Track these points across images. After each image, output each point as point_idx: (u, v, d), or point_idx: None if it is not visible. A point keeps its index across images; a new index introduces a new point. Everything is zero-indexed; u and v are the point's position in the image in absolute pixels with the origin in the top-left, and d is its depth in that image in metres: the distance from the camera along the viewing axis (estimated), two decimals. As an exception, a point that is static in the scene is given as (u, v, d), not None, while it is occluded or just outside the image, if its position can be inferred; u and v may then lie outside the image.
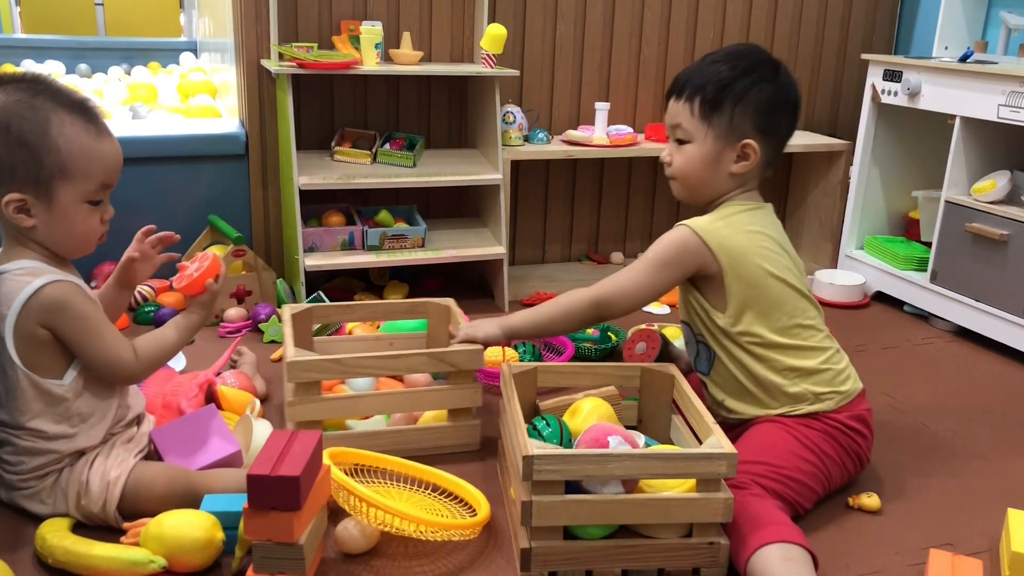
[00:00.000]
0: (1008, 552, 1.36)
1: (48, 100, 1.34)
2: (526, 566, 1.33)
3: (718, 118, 1.56)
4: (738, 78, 1.56)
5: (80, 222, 1.39)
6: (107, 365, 1.39)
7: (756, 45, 1.74)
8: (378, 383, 1.82)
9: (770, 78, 1.58)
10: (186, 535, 1.29)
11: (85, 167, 1.36)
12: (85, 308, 1.37)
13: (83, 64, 4.05)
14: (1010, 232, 2.24)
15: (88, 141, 1.36)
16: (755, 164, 1.59)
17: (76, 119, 1.35)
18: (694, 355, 1.68)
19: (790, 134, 1.65)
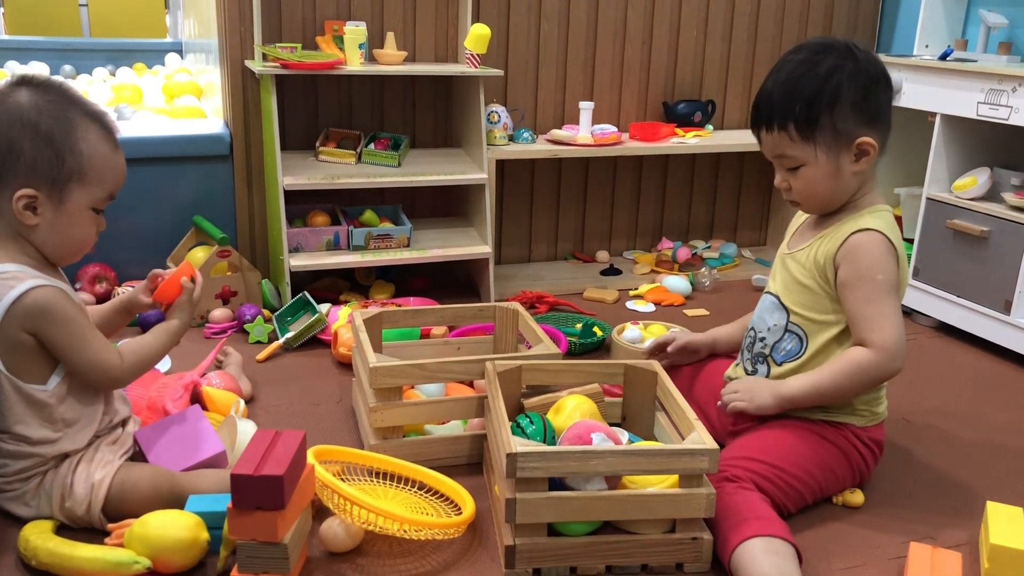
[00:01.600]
0: (987, 544, 1.37)
1: (75, 106, 1.39)
2: (510, 563, 1.34)
3: (821, 133, 1.47)
4: (822, 84, 1.46)
5: (80, 228, 1.41)
6: (92, 370, 1.39)
7: (811, 39, 1.65)
8: (447, 388, 1.82)
9: (849, 66, 1.47)
10: (170, 535, 1.29)
11: (101, 174, 1.40)
12: (70, 313, 1.37)
13: (67, 65, 4.03)
14: (990, 228, 2.26)
15: (107, 150, 1.41)
16: (875, 155, 1.51)
17: (99, 129, 1.40)
18: (773, 341, 1.59)
19: (892, 105, 1.55)
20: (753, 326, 1.66)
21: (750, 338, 1.66)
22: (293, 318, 2.28)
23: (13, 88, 1.37)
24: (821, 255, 1.53)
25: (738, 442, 1.56)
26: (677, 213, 3.08)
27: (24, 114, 1.34)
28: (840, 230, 1.53)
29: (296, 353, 2.18)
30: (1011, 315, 2.21)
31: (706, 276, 2.76)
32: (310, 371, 2.08)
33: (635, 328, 2.22)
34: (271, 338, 2.23)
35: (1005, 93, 2.21)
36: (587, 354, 2.23)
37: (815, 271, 1.54)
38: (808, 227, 1.64)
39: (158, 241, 2.46)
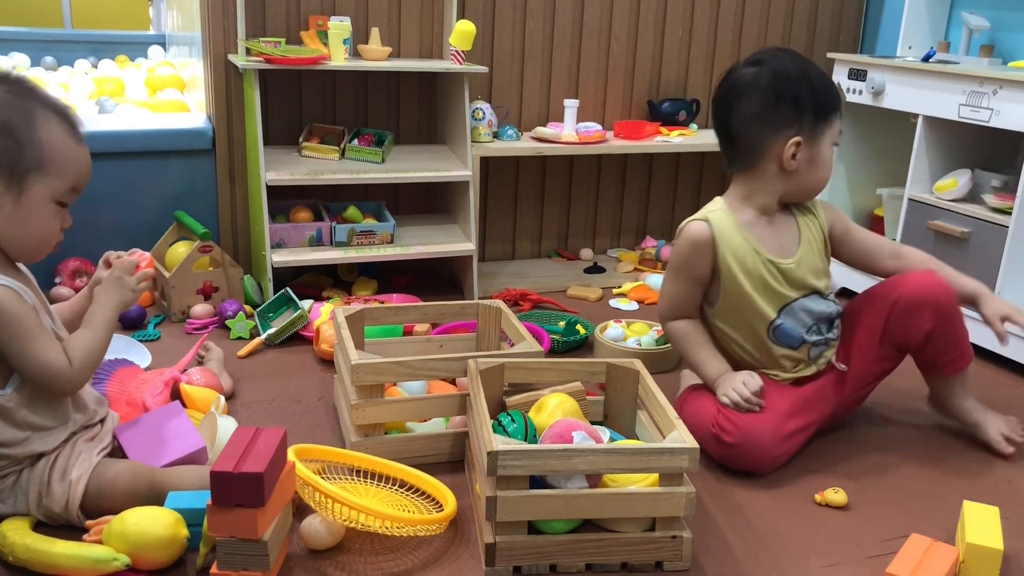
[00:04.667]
0: (963, 543, 1.38)
1: (35, 98, 1.37)
2: (491, 561, 1.34)
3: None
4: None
5: (42, 222, 1.37)
6: (38, 372, 1.34)
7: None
8: (430, 386, 1.81)
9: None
10: (150, 532, 1.29)
11: (62, 166, 1.36)
12: (15, 312, 1.32)
13: (49, 57, 4.00)
14: (971, 229, 2.28)
15: (68, 142, 1.38)
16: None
17: (60, 121, 1.38)
18: (834, 316, 1.78)
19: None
20: (795, 330, 1.73)
21: (807, 338, 1.74)
22: (275, 314, 2.27)
23: None
24: (816, 231, 1.78)
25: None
26: (661, 211, 3.09)
27: None
28: (806, 208, 1.79)
29: (278, 349, 2.17)
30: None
31: (689, 275, 2.77)
32: (292, 368, 2.07)
33: (618, 326, 2.22)
34: (253, 334, 2.22)
35: (986, 95, 2.22)
36: (570, 352, 2.23)
37: (822, 245, 1.78)
38: (771, 233, 1.74)
39: (140, 236, 2.44)
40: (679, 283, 1.74)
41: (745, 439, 1.63)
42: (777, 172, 1.69)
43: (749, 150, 1.69)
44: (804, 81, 1.66)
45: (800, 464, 1.73)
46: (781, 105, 1.65)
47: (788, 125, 1.66)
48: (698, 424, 1.65)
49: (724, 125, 1.72)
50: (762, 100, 1.66)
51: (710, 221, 1.69)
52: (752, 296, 1.70)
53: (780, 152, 1.67)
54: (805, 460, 1.74)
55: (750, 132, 1.68)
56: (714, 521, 1.53)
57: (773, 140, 1.67)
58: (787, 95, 1.65)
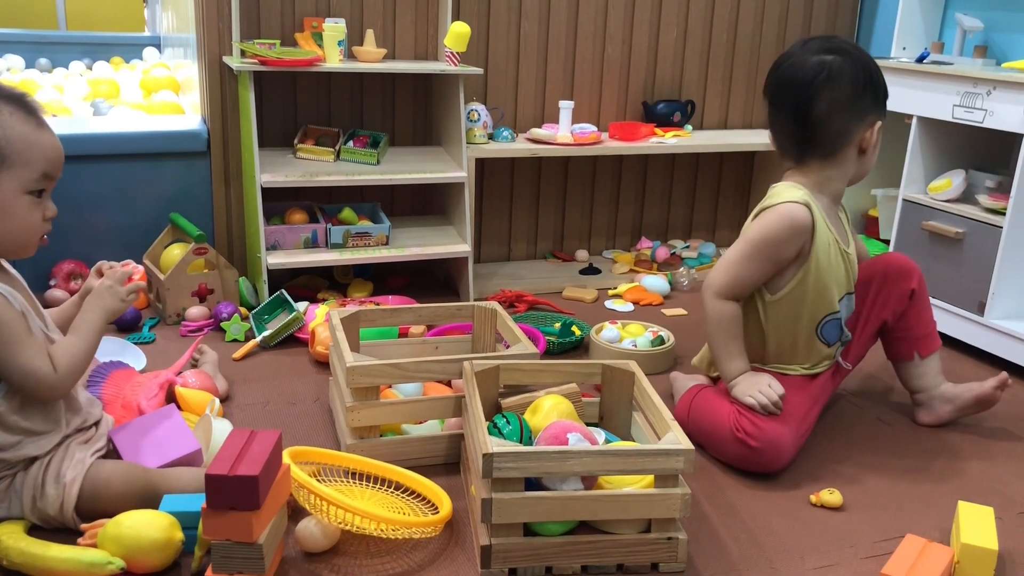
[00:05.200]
0: (959, 543, 1.39)
1: None
2: (486, 563, 1.34)
3: None
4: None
5: (20, 215, 1.35)
6: (22, 378, 1.33)
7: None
8: (425, 388, 1.81)
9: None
10: (145, 535, 1.28)
11: (26, 155, 1.33)
12: (3, 317, 1.31)
13: (43, 59, 4.00)
14: (965, 230, 2.29)
15: (28, 130, 1.34)
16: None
17: (15, 110, 1.34)
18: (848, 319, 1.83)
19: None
20: (837, 326, 1.79)
21: (842, 337, 1.81)
22: (270, 316, 2.27)
23: None
24: (848, 224, 1.84)
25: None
26: (656, 213, 3.09)
27: None
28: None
29: (273, 352, 2.17)
30: (985, 316, 2.24)
31: (685, 276, 2.77)
32: (287, 370, 2.07)
33: (613, 328, 2.22)
34: (248, 336, 2.21)
35: (980, 96, 2.23)
36: (566, 353, 2.24)
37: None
38: (836, 223, 1.78)
39: (134, 238, 2.44)
40: (756, 263, 1.68)
41: (769, 444, 1.64)
42: (856, 157, 1.74)
43: (834, 137, 1.70)
44: (876, 67, 1.73)
45: (795, 465, 1.73)
46: (866, 92, 1.70)
47: (871, 111, 1.71)
48: (716, 426, 1.69)
49: (802, 114, 1.69)
50: (852, 88, 1.68)
51: (811, 207, 1.67)
52: (828, 286, 1.72)
53: (863, 137, 1.72)
54: (800, 461, 1.74)
55: (837, 119, 1.69)
56: (710, 522, 1.53)
57: (858, 126, 1.70)
58: (871, 82, 1.70)
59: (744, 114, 3.10)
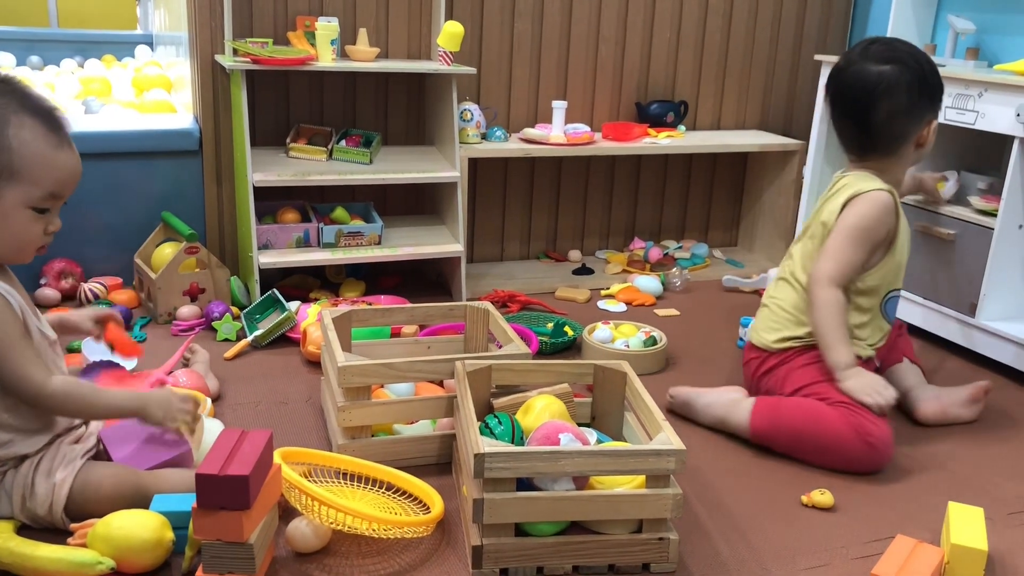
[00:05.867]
0: (948, 544, 1.39)
1: (12, 101, 1.32)
2: (478, 563, 1.34)
3: None
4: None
5: (19, 227, 1.34)
6: (13, 382, 1.32)
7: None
8: (417, 388, 1.81)
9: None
10: (135, 535, 1.28)
11: (36, 173, 1.32)
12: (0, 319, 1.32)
13: (34, 56, 3.98)
14: (957, 231, 2.29)
15: (44, 147, 1.32)
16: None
17: (38, 124, 1.32)
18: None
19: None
20: (894, 306, 1.90)
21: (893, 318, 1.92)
22: (262, 316, 2.26)
23: None
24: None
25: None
26: (649, 213, 3.09)
27: None
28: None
29: (265, 351, 2.16)
30: (976, 318, 2.24)
31: (677, 276, 2.77)
32: (278, 369, 2.07)
33: (606, 328, 2.22)
34: (239, 336, 2.21)
35: (972, 98, 2.23)
36: (558, 354, 2.23)
37: None
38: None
39: (126, 237, 2.43)
40: (862, 249, 1.78)
41: (886, 442, 1.70)
42: (914, 151, 1.85)
43: (893, 140, 1.82)
44: (933, 70, 1.82)
45: (787, 465, 1.74)
46: (922, 97, 1.80)
47: (927, 111, 1.82)
48: (827, 430, 1.70)
49: (863, 121, 1.81)
50: (908, 97, 1.78)
51: (893, 193, 1.79)
52: (903, 264, 1.85)
53: (920, 135, 1.82)
54: (791, 461, 1.75)
55: (896, 126, 1.80)
56: (701, 523, 1.53)
57: (916, 128, 1.82)
58: (926, 87, 1.80)
59: (737, 115, 3.11)
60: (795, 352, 1.84)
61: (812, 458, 1.73)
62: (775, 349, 1.86)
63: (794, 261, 1.90)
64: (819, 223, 1.85)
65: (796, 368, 1.82)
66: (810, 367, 1.81)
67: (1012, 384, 2.17)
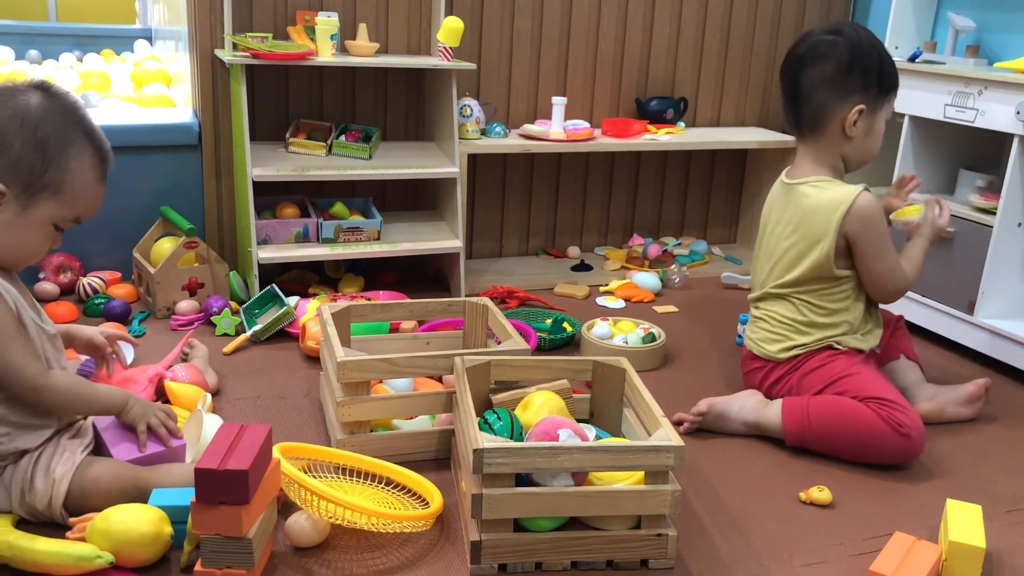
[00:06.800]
0: (946, 541, 1.39)
1: (83, 128, 1.39)
2: (476, 558, 1.34)
3: None
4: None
5: (35, 238, 1.39)
6: (9, 377, 1.33)
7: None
8: (416, 383, 1.81)
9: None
10: (133, 530, 1.28)
11: (75, 196, 1.39)
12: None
13: (33, 50, 3.97)
14: (955, 229, 2.29)
15: (90, 176, 1.40)
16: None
17: (93, 154, 1.40)
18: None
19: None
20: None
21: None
22: (261, 311, 2.26)
23: (29, 89, 1.37)
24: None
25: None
26: (648, 210, 3.09)
27: (28, 114, 1.34)
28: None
29: (263, 346, 2.16)
30: (974, 315, 2.25)
31: (676, 273, 2.77)
32: (277, 365, 2.06)
33: (605, 324, 2.22)
34: (238, 331, 2.20)
35: (971, 96, 2.24)
36: (557, 350, 2.23)
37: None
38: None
39: (124, 231, 2.43)
40: (891, 242, 1.83)
41: (920, 430, 1.70)
42: (839, 136, 1.82)
43: (815, 112, 1.82)
44: (876, 54, 1.80)
45: (785, 462, 1.74)
46: (853, 73, 1.78)
47: (855, 93, 1.79)
48: (862, 426, 1.70)
49: (794, 86, 1.83)
50: (837, 66, 1.78)
51: (867, 188, 1.80)
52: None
53: (845, 117, 1.79)
54: (790, 458, 1.75)
55: (819, 95, 1.80)
56: (699, 519, 1.53)
57: (840, 106, 1.79)
58: (859, 65, 1.78)
59: (737, 112, 3.11)
60: (803, 358, 1.83)
61: (848, 455, 1.73)
62: (781, 359, 1.86)
63: (788, 276, 1.85)
64: (807, 243, 1.82)
65: (809, 372, 1.82)
66: (824, 368, 1.81)
67: (1010, 382, 2.17)
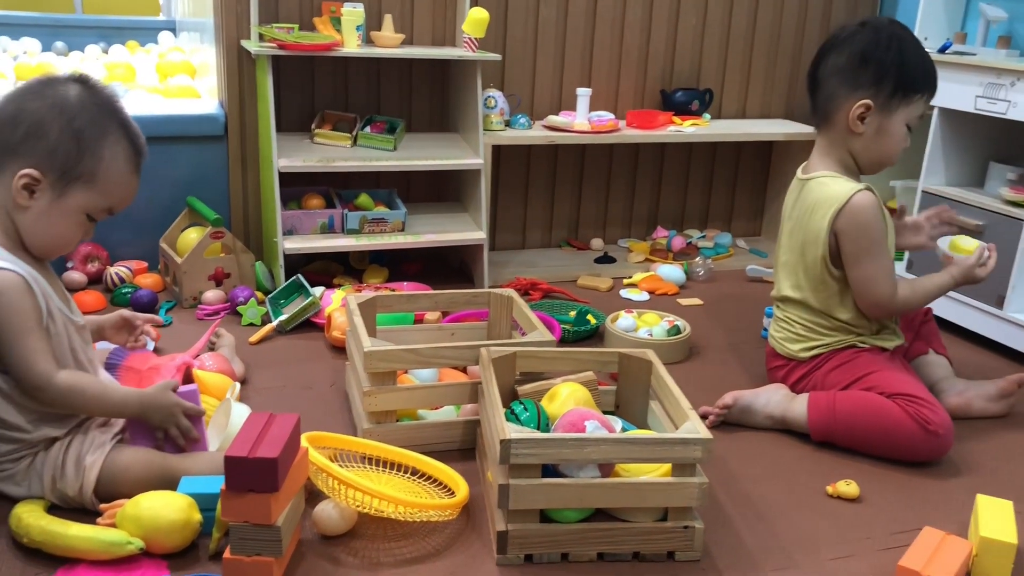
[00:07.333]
0: (977, 536, 1.38)
1: (118, 120, 1.41)
2: (502, 549, 1.34)
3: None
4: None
5: (67, 227, 1.40)
6: (18, 369, 1.33)
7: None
8: (441, 374, 1.81)
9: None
10: (163, 516, 1.29)
11: (109, 187, 1.40)
12: (14, 303, 1.32)
13: (59, 42, 4.00)
14: (985, 223, 2.27)
15: (125, 167, 1.41)
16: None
17: (128, 146, 1.41)
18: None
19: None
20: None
21: None
22: (286, 301, 2.27)
23: (67, 81, 1.39)
24: None
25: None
26: (672, 202, 3.08)
27: (66, 104, 1.36)
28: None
29: (289, 336, 2.17)
30: (1004, 310, 2.22)
31: (701, 265, 2.76)
32: (303, 354, 2.07)
33: (629, 316, 2.22)
34: (264, 320, 2.22)
35: (1003, 87, 2.21)
36: (580, 342, 2.23)
37: None
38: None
39: (151, 221, 2.45)
40: (885, 250, 1.77)
41: (947, 427, 1.67)
42: (846, 130, 1.77)
43: (824, 100, 1.79)
44: (895, 51, 1.73)
45: (811, 455, 1.73)
46: (866, 67, 1.73)
47: (864, 87, 1.74)
48: (889, 423, 1.68)
49: (813, 73, 1.82)
50: (850, 56, 1.74)
51: (869, 188, 1.76)
52: (892, 248, 1.81)
53: (849, 111, 1.75)
54: (816, 451, 1.74)
55: (830, 83, 1.77)
56: (725, 512, 1.53)
57: (846, 97, 1.75)
58: (874, 59, 1.73)
59: (763, 103, 3.08)
60: (826, 356, 1.82)
61: (875, 451, 1.71)
62: (803, 358, 1.85)
63: (794, 277, 1.85)
64: (807, 242, 1.80)
65: (833, 369, 1.81)
66: (849, 364, 1.79)
67: (1040, 377, 2.15)
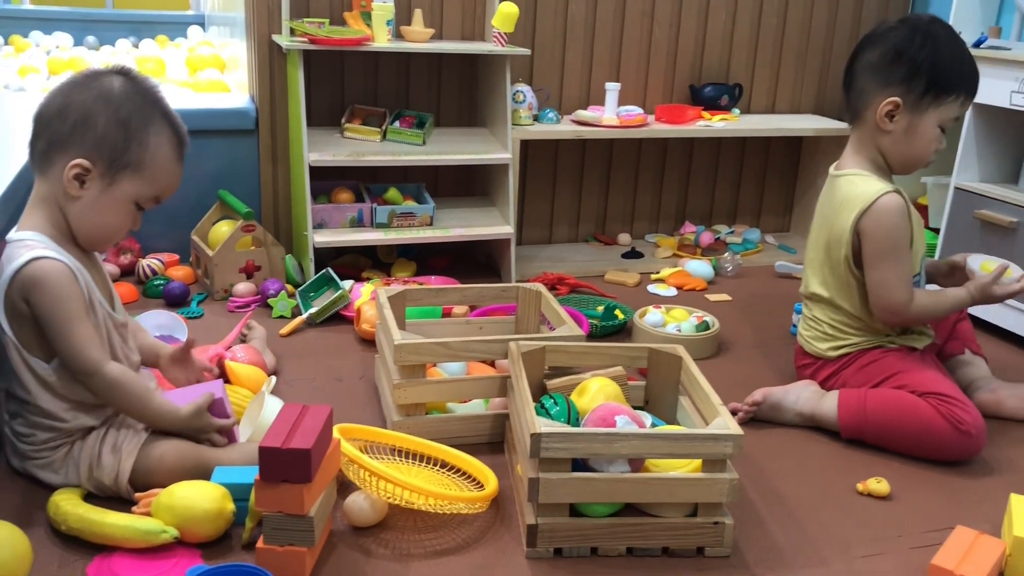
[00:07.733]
0: (1011, 536, 1.37)
1: (161, 109, 1.43)
2: (532, 542, 1.34)
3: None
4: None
5: (117, 216, 1.43)
6: (69, 357, 1.36)
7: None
8: (469, 367, 1.83)
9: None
10: (197, 506, 1.31)
11: (155, 174, 1.42)
12: (65, 292, 1.35)
13: (91, 36, 4.05)
14: (1018, 219, 2.24)
15: (169, 155, 1.44)
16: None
17: (172, 134, 1.44)
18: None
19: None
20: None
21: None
22: (316, 294, 2.29)
23: (110, 73, 1.42)
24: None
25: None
26: (701, 197, 3.07)
27: (111, 95, 1.39)
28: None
29: (319, 329, 2.19)
30: (1037, 307, 2.20)
31: (729, 261, 2.75)
32: (333, 347, 2.09)
33: (657, 312, 2.21)
34: (294, 313, 2.23)
35: (1039, 83, 2.18)
36: (608, 337, 2.23)
37: None
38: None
39: (183, 215, 2.47)
40: (905, 257, 1.74)
41: (980, 427, 1.66)
42: (875, 128, 1.76)
43: (856, 96, 1.78)
44: (929, 50, 1.70)
45: (841, 453, 1.72)
46: (898, 64, 1.71)
47: (894, 84, 1.72)
48: (921, 422, 1.67)
49: (849, 68, 1.80)
50: (883, 53, 1.73)
51: (899, 191, 1.74)
52: (920, 253, 1.80)
53: (878, 108, 1.73)
54: (846, 449, 1.73)
55: (862, 78, 1.76)
56: (755, 508, 1.53)
57: (876, 93, 1.74)
58: (908, 56, 1.71)
59: (792, 98, 3.06)
60: (854, 356, 1.81)
61: (905, 450, 1.70)
62: (831, 357, 1.83)
63: (821, 275, 1.84)
64: (831, 240, 1.79)
65: (863, 367, 1.79)
66: (879, 362, 1.78)
67: (1074, 376, 2.12)
